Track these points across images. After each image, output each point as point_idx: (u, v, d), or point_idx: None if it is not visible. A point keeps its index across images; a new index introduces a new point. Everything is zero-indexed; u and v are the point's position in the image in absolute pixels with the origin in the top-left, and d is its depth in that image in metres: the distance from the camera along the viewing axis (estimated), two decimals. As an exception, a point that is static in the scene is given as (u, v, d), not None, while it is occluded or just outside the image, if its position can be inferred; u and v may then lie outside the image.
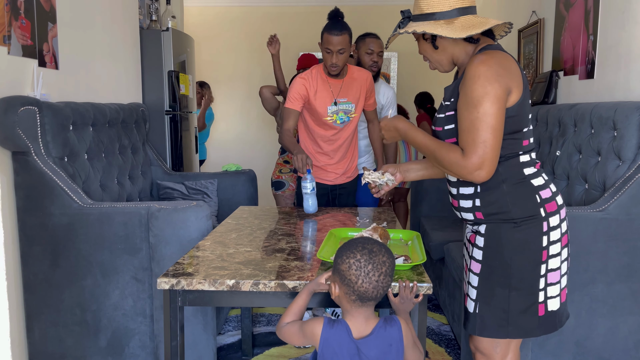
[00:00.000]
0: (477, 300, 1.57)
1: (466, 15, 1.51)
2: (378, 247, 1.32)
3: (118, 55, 3.33)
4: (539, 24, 3.45)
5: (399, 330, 1.35)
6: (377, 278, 1.29)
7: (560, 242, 1.54)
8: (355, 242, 1.35)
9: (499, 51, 1.48)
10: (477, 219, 1.57)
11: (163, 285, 1.52)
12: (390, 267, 1.32)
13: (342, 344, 1.32)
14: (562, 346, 2.12)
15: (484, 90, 1.40)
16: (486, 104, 1.40)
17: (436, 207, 3.55)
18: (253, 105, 6.02)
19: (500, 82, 1.41)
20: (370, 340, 1.33)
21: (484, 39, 1.55)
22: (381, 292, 1.31)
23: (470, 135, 1.43)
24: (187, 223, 2.14)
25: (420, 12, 1.53)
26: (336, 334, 1.33)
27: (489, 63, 1.42)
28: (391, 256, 1.34)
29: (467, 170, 1.45)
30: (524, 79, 1.49)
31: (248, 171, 3.52)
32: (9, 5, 2.19)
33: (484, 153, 1.42)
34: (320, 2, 5.89)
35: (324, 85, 2.71)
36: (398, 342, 1.34)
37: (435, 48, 1.56)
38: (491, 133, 1.41)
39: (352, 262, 1.30)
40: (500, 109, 1.41)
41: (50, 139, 2.25)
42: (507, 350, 1.61)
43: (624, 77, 2.45)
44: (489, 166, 1.43)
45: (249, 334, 2.62)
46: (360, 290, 1.30)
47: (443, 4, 1.49)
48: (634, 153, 2.13)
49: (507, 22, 1.58)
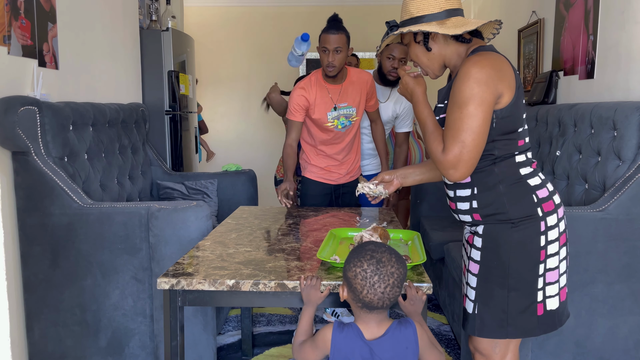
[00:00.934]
0: (475, 301, 1.57)
1: (456, 16, 1.52)
2: (388, 257, 1.29)
3: (118, 55, 3.33)
4: (539, 24, 3.45)
5: (414, 332, 1.32)
6: (382, 290, 1.26)
7: (559, 241, 1.54)
8: (365, 250, 1.32)
9: (492, 52, 1.48)
10: (475, 221, 1.57)
11: (163, 285, 1.52)
12: (399, 278, 1.28)
13: (354, 348, 1.29)
14: (562, 346, 2.12)
15: (471, 92, 1.41)
16: (471, 106, 1.41)
17: (436, 207, 3.55)
18: (253, 105, 6.02)
19: (490, 85, 1.41)
20: (384, 341, 1.30)
21: (476, 40, 1.56)
22: (387, 303, 1.28)
23: (451, 132, 1.44)
24: (187, 223, 2.14)
25: (410, 15, 1.54)
26: (347, 337, 1.30)
27: (481, 64, 1.42)
28: (402, 265, 1.29)
29: (442, 165, 1.46)
30: (517, 79, 1.49)
31: (248, 171, 3.53)
32: (9, 5, 2.19)
33: (460, 153, 1.42)
34: (320, 2, 5.89)
35: (323, 92, 2.72)
36: (413, 344, 1.31)
37: (428, 50, 1.56)
38: (471, 135, 1.41)
39: (359, 272, 1.28)
40: (485, 112, 1.41)
41: (50, 139, 2.25)
42: (507, 351, 1.61)
43: (624, 77, 2.45)
44: (464, 167, 1.43)
45: (249, 334, 2.62)
46: (365, 300, 1.28)
47: (433, 5, 1.51)
48: (634, 153, 2.13)
49: (497, 21, 1.58)
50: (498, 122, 1.47)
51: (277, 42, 5.96)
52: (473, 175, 1.54)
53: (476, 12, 5.22)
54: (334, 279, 1.53)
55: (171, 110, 3.81)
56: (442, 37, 1.54)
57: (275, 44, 5.96)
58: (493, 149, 1.50)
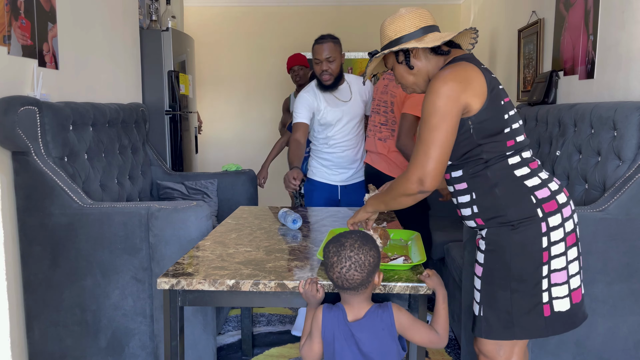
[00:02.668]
0: (481, 303, 1.58)
1: (432, 32, 1.58)
2: (351, 242, 1.39)
3: (118, 55, 3.33)
4: (539, 24, 3.45)
5: (391, 315, 1.41)
6: (339, 270, 1.37)
7: (565, 242, 1.53)
8: (341, 234, 1.44)
9: (462, 62, 1.53)
10: (479, 225, 1.59)
11: (163, 285, 1.52)
12: (358, 262, 1.37)
13: (339, 327, 1.40)
14: (562, 346, 2.12)
15: (434, 107, 1.46)
16: (434, 120, 1.46)
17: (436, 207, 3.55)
18: (253, 105, 6.02)
19: (452, 97, 1.46)
20: (362, 323, 1.40)
21: (455, 51, 1.61)
22: (347, 285, 1.38)
23: (417, 145, 1.50)
24: (187, 223, 2.14)
25: (389, 39, 1.60)
26: (334, 317, 1.41)
27: (444, 79, 1.47)
28: (363, 252, 1.38)
29: (409, 181, 1.50)
30: (490, 83, 1.51)
31: (248, 171, 3.53)
32: (9, 5, 2.19)
33: (424, 164, 1.47)
34: (321, 2, 5.89)
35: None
36: (389, 326, 1.41)
37: (411, 68, 1.61)
38: (435, 148, 1.46)
39: (325, 252, 1.43)
40: (449, 125, 1.46)
41: (50, 139, 2.25)
42: (511, 353, 1.60)
43: (624, 77, 2.45)
44: (430, 179, 1.48)
45: (249, 334, 2.62)
46: (330, 278, 1.41)
47: (409, 26, 1.58)
48: (634, 153, 2.13)
49: (472, 29, 1.64)
50: (476, 127, 1.50)
51: (277, 42, 5.96)
52: (469, 180, 1.56)
53: (476, 12, 5.22)
54: (334, 279, 1.54)
55: (171, 110, 3.81)
56: (423, 53, 1.59)
57: (275, 44, 5.96)
58: (481, 152, 1.52)
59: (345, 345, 1.40)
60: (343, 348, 1.40)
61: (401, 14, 1.60)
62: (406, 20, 1.58)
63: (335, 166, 2.87)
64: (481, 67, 1.54)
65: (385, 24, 1.63)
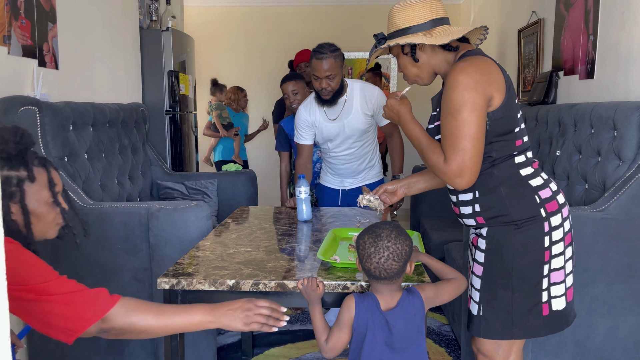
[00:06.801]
0: (480, 303, 1.57)
1: (441, 25, 1.54)
2: (387, 232, 1.38)
3: (118, 55, 3.33)
4: (539, 24, 3.45)
5: (420, 300, 1.42)
6: (377, 260, 1.36)
7: (564, 241, 1.53)
8: (372, 226, 1.42)
9: (479, 56, 1.49)
10: (479, 224, 1.57)
11: (163, 285, 1.52)
12: (396, 252, 1.37)
13: (373, 316, 1.39)
14: (562, 346, 2.12)
15: (462, 99, 1.42)
16: (464, 112, 1.42)
17: (436, 207, 3.55)
18: (253, 105, 6.02)
19: (479, 89, 1.42)
20: (396, 311, 1.40)
21: (464, 46, 1.57)
22: (384, 274, 1.37)
23: (449, 142, 1.45)
24: (187, 223, 2.14)
25: (397, 27, 1.56)
26: (368, 306, 1.40)
27: (467, 71, 1.43)
28: (400, 242, 1.38)
29: (447, 176, 1.47)
30: (506, 80, 1.49)
31: (248, 171, 3.53)
32: (9, 5, 2.19)
33: (463, 161, 1.43)
34: (321, 2, 5.89)
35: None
36: (420, 310, 1.42)
37: (416, 61, 1.58)
38: (470, 141, 1.42)
39: (361, 243, 1.40)
40: (479, 117, 1.42)
41: (50, 139, 2.25)
42: (510, 352, 1.61)
43: (624, 77, 2.45)
44: (469, 174, 1.45)
45: (249, 334, 2.62)
46: (366, 268, 1.39)
47: (418, 17, 1.53)
48: (634, 153, 2.13)
49: (483, 27, 1.60)
50: (492, 124, 1.48)
51: (277, 42, 5.96)
52: None
53: (476, 12, 5.22)
54: (334, 279, 1.53)
55: (171, 110, 3.81)
56: (430, 47, 1.55)
57: (275, 44, 5.96)
58: (491, 151, 1.51)
59: (378, 334, 1.39)
60: (375, 337, 1.39)
61: (411, 2, 1.53)
62: (416, 10, 1.52)
63: (339, 176, 2.82)
64: (497, 63, 1.52)
65: (394, 10, 1.57)
